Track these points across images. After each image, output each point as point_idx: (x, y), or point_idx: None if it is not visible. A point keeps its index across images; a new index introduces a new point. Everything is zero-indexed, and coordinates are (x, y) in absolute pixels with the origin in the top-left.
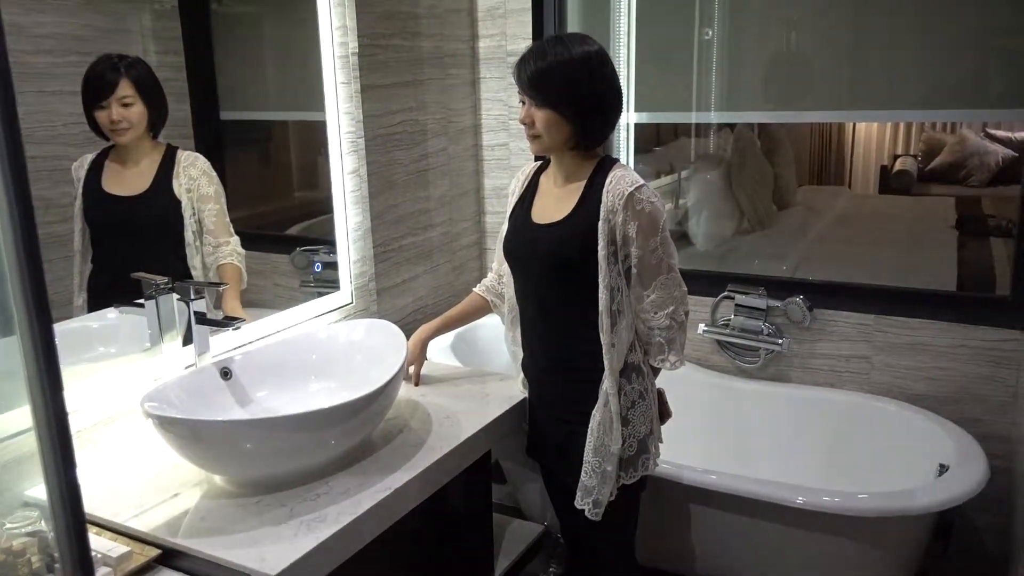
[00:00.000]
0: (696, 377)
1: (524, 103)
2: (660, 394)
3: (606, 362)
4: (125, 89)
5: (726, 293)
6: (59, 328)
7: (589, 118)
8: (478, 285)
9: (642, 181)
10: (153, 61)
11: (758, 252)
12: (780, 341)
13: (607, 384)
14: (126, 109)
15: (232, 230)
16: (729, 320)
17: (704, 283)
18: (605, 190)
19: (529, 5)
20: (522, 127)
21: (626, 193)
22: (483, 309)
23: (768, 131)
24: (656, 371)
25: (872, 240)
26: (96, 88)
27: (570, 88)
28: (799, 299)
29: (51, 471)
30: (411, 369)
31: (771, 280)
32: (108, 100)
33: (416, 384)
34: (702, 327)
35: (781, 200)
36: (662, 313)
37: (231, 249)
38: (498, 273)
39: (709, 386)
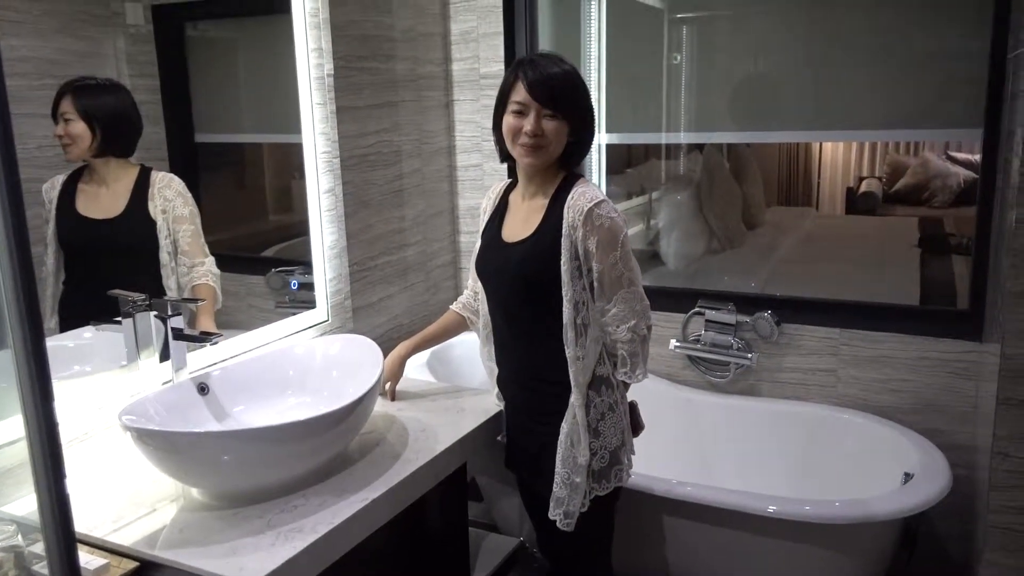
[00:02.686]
0: (667, 391)
1: (523, 114)
2: (632, 407)
3: (572, 375)
4: (65, 106)
5: (696, 309)
6: None
7: (586, 132)
8: (455, 303)
9: (602, 196)
10: (127, 84)
11: (728, 270)
12: (749, 356)
13: (573, 396)
14: (67, 125)
15: (207, 251)
16: (700, 336)
17: (675, 300)
18: (567, 206)
19: (501, 29)
20: (493, 147)
21: (585, 208)
22: (460, 326)
23: (736, 152)
24: (627, 384)
25: (838, 258)
26: (53, 106)
27: (580, 101)
28: (767, 314)
29: (42, 483)
30: (388, 385)
31: (740, 296)
32: (57, 116)
33: (392, 399)
34: (673, 343)
35: (750, 220)
36: (624, 327)
37: (206, 269)
38: (473, 290)
39: (680, 400)
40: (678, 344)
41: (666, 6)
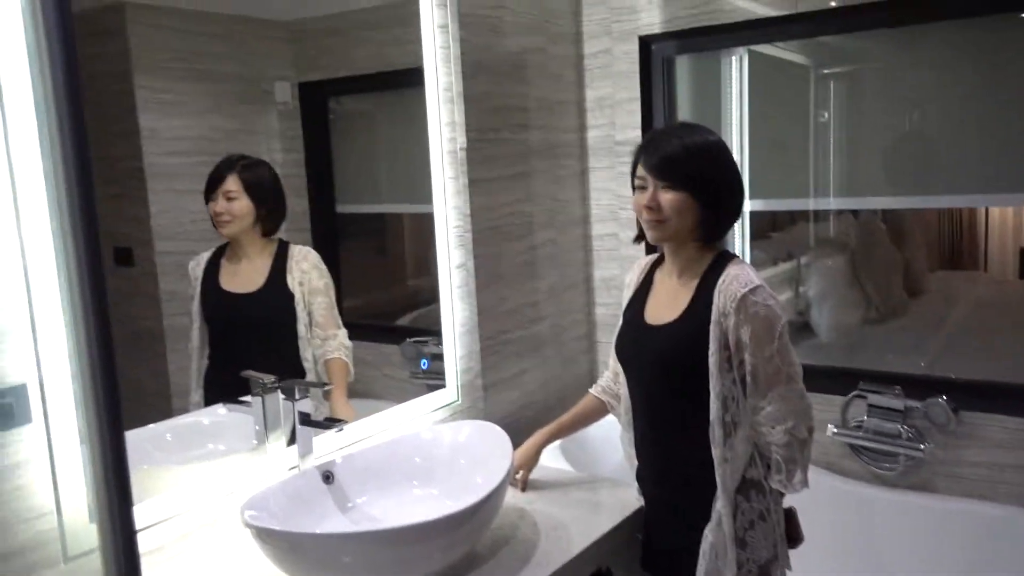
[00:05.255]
0: (826, 483)
1: (645, 188)
2: (790, 514)
3: (718, 478)
4: (231, 184)
5: (857, 392)
6: (172, 423)
7: (721, 205)
8: (594, 386)
9: (758, 282)
10: (278, 159)
11: (890, 345)
12: (922, 446)
13: (720, 503)
14: (229, 203)
15: (340, 322)
16: (862, 421)
17: (832, 380)
18: (717, 290)
19: (638, 95)
20: (633, 216)
21: (739, 295)
22: (600, 411)
23: (895, 214)
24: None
25: (1018, 331)
26: (209, 182)
27: (703, 172)
28: (942, 400)
29: None
30: (520, 474)
31: (908, 377)
32: (215, 193)
33: (523, 490)
34: (832, 429)
35: (913, 287)
36: (780, 428)
37: (338, 343)
38: (614, 371)
39: (841, 494)
40: (837, 431)
41: (812, 62)
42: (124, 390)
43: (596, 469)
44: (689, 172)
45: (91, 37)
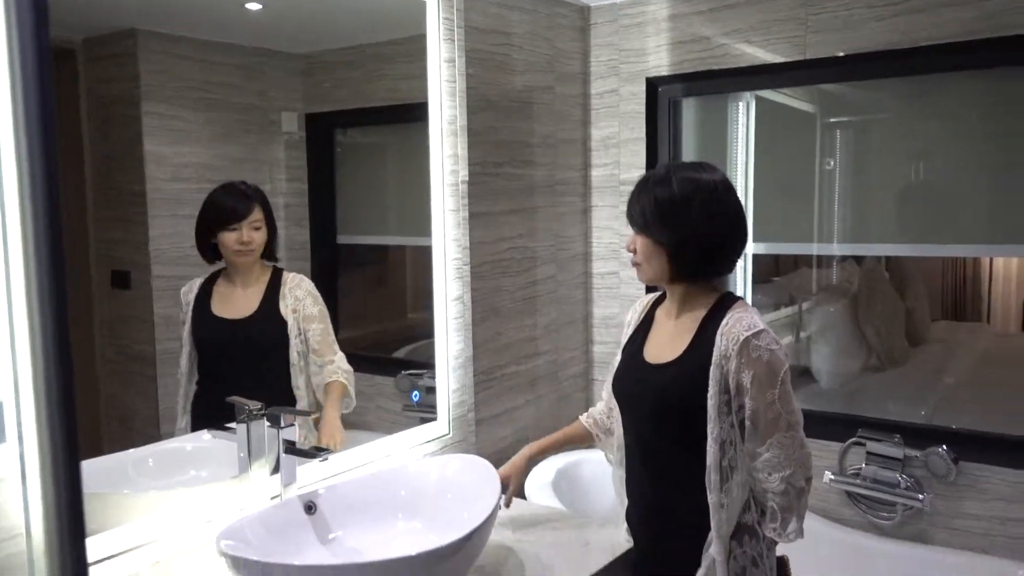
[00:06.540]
0: (822, 531)
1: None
2: (782, 562)
3: (713, 524)
4: (257, 214)
5: (856, 439)
6: (155, 448)
7: (684, 248)
8: (585, 415)
9: (762, 326)
10: (282, 188)
11: (890, 393)
12: (921, 496)
13: (714, 548)
14: (256, 232)
15: (336, 347)
16: (860, 469)
17: (831, 426)
18: (720, 332)
19: (643, 135)
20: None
21: (742, 338)
22: (587, 439)
23: (897, 262)
24: None
25: (1020, 383)
26: (231, 211)
27: (664, 216)
28: (942, 450)
29: None
30: (509, 489)
31: (908, 426)
32: (241, 223)
33: (507, 506)
34: (829, 476)
35: (914, 336)
36: (777, 476)
37: (336, 366)
38: (608, 405)
39: (837, 542)
40: (834, 478)
41: (819, 111)
42: (114, 413)
43: (587, 507)
44: (650, 220)
45: (101, 61)
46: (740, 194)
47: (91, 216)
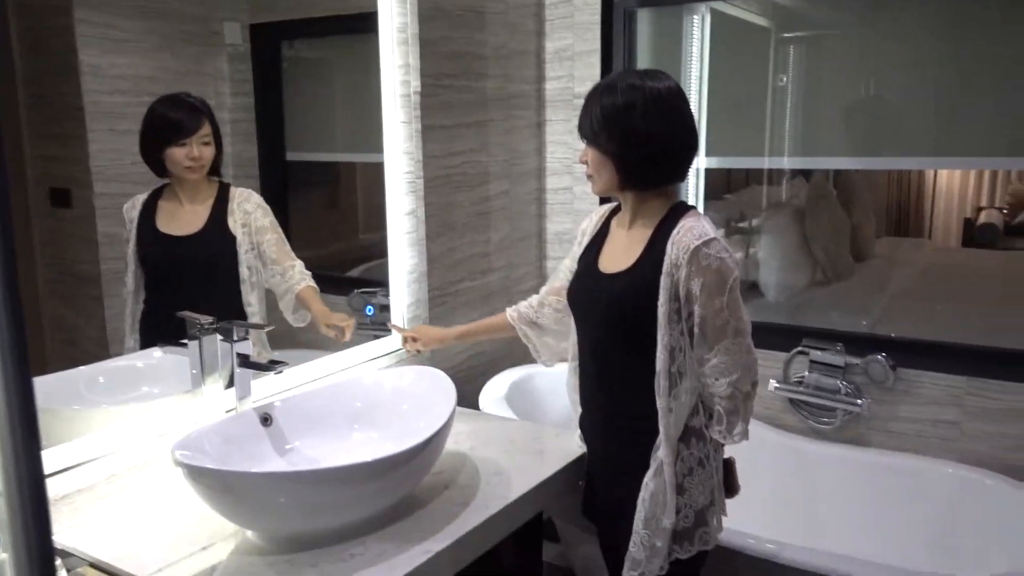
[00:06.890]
0: (766, 437)
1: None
2: (728, 464)
3: (661, 427)
4: (206, 128)
5: (800, 348)
6: (104, 365)
7: (630, 157)
8: (511, 308)
9: (713, 234)
10: (226, 103)
11: (834, 305)
12: (859, 402)
13: (662, 451)
14: (205, 147)
15: (293, 254)
16: (803, 377)
17: (776, 337)
18: (671, 241)
19: (598, 47)
20: (584, 170)
21: (692, 246)
22: (507, 330)
23: (845, 178)
24: None
25: (959, 296)
26: (179, 125)
27: (608, 124)
28: (881, 357)
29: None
30: (411, 341)
31: (849, 336)
32: (190, 138)
33: (403, 344)
34: (773, 383)
35: (859, 251)
36: (724, 380)
37: (298, 271)
38: (540, 302)
39: (779, 447)
40: (778, 385)
41: (773, 25)
42: (58, 336)
43: (541, 419)
44: (597, 129)
45: None
46: (694, 107)
47: (25, 132)
